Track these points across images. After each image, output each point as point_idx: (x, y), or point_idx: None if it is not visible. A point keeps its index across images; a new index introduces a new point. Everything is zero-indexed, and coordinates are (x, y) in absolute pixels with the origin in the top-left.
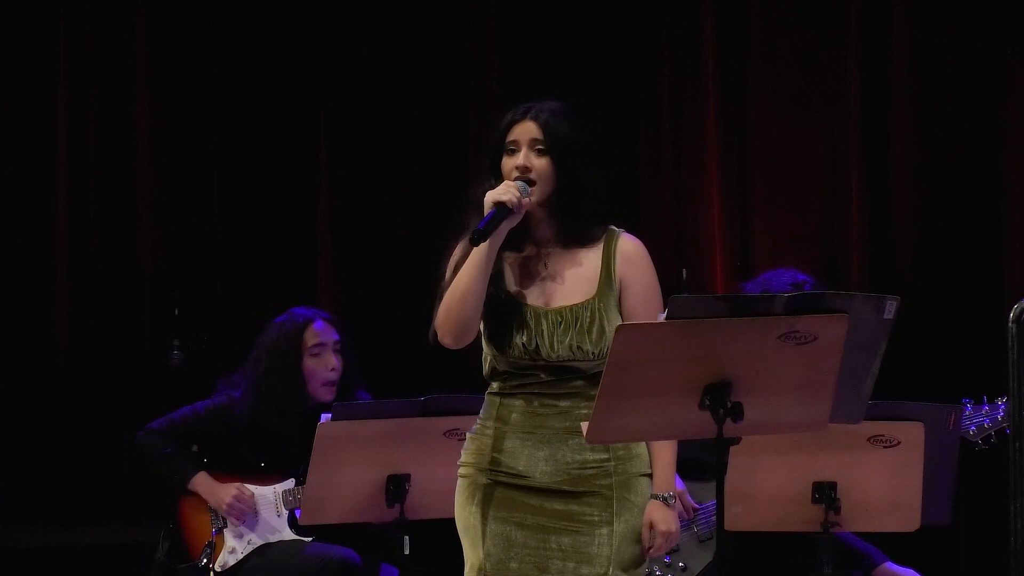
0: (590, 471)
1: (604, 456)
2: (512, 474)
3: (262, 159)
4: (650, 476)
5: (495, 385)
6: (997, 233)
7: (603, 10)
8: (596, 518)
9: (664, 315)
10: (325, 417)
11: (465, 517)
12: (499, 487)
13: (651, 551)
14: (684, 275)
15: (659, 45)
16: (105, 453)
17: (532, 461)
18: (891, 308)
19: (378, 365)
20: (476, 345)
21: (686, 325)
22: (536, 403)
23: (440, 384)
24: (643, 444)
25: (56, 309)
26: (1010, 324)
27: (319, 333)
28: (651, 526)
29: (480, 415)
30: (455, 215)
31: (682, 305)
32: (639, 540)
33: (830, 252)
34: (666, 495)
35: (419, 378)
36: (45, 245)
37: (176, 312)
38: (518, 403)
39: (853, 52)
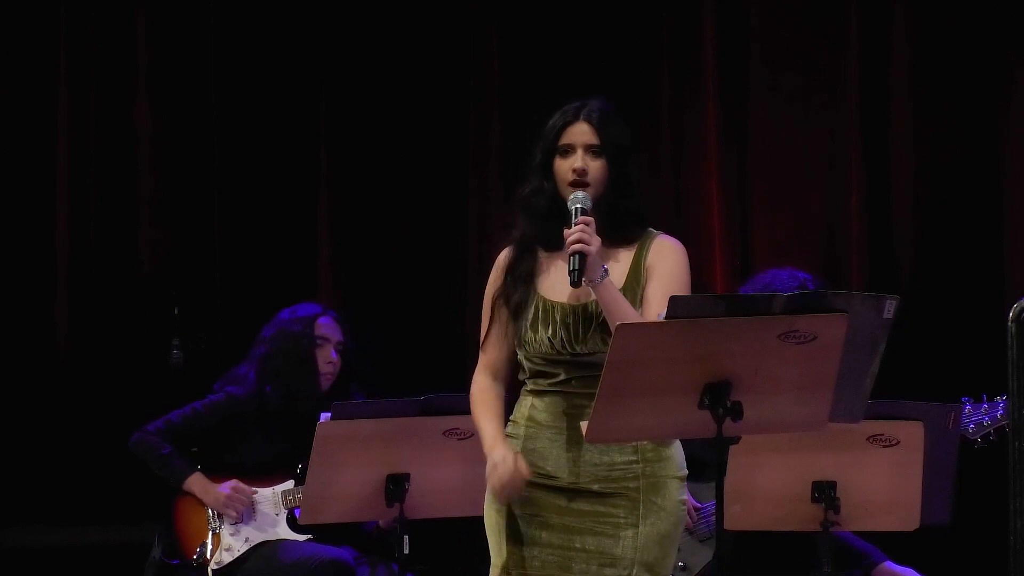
0: (617, 472)
1: (632, 458)
2: (540, 474)
3: (263, 159)
4: (680, 479)
5: (529, 384)
6: (997, 233)
7: (603, 10)
8: (622, 520)
9: (664, 315)
10: (324, 416)
11: (491, 516)
12: (527, 487)
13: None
14: None
15: (659, 45)
16: (105, 453)
17: (560, 461)
18: (891, 308)
19: (378, 364)
20: (473, 348)
21: (686, 325)
22: (567, 403)
23: (440, 384)
24: (674, 446)
25: (56, 309)
26: (1010, 323)
27: (323, 327)
28: None
29: (512, 415)
30: (455, 216)
31: (682, 305)
32: (664, 543)
33: (830, 252)
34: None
35: (419, 378)
36: (46, 245)
37: (176, 312)
38: (549, 402)
39: (853, 52)
